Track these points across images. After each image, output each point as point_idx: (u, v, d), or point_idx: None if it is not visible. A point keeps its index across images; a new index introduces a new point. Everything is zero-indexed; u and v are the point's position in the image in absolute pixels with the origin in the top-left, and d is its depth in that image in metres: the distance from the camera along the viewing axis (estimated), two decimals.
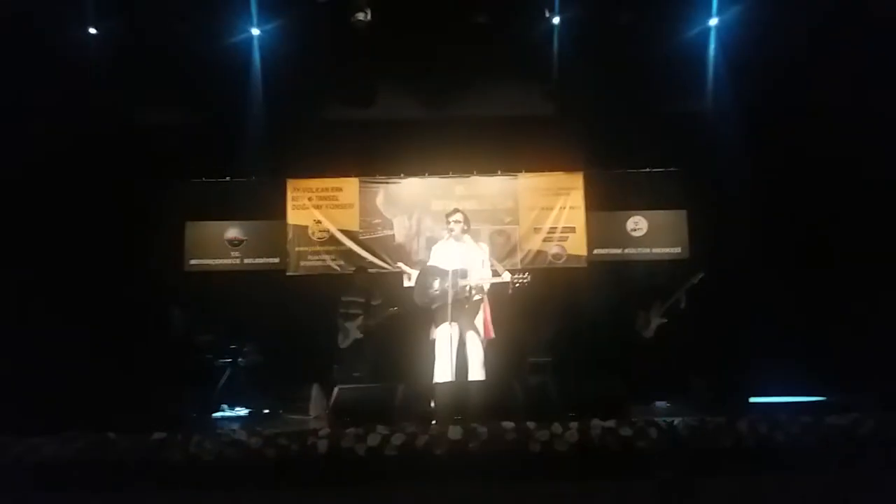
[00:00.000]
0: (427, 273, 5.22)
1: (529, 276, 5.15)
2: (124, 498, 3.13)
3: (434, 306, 5.15)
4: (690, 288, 6.66)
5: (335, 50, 7.13)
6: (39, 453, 3.30)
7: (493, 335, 5.28)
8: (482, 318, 5.26)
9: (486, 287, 5.22)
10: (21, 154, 6.72)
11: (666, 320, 6.73)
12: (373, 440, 3.36)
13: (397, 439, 3.36)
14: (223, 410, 6.52)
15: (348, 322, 6.92)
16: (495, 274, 5.25)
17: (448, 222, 5.34)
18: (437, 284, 5.13)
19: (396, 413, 4.17)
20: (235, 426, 5.06)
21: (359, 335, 6.88)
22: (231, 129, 7.52)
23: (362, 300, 6.97)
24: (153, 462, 3.26)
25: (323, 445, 3.35)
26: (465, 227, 5.34)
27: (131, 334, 6.62)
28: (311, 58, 7.26)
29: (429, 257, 5.46)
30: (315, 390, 6.22)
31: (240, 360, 6.66)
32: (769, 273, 7.11)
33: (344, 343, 6.91)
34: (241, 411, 6.46)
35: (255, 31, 7.19)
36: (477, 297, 5.19)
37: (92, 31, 7.01)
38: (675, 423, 3.34)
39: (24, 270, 6.59)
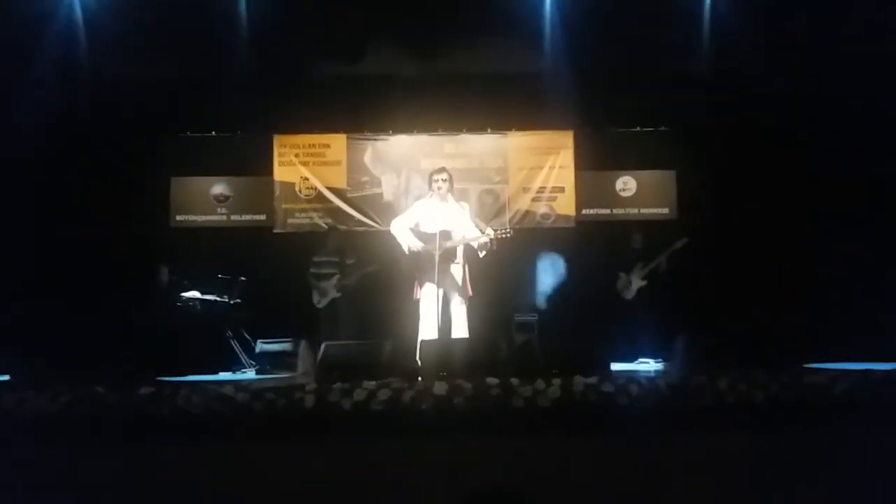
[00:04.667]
0: (412, 234, 5.21)
1: (511, 231, 5.13)
2: (112, 452, 3.17)
3: (420, 268, 5.15)
4: (673, 252, 6.72)
5: (322, 2, 6.99)
6: (26, 407, 3.32)
7: (471, 293, 5.29)
8: (463, 277, 5.28)
9: (476, 245, 5.22)
10: (5, 110, 6.60)
11: (646, 283, 6.80)
12: (359, 395, 3.39)
13: (383, 394, 3.39)
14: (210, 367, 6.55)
15: (323, 281, 6.93)
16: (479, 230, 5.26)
17: (435, 180, 5.30)
18: (422, 245, 5.13)
19: (383, 369, 4.21)
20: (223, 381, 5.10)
21: (336, 294, 6.91)
22: (216, 84, 7.38)
23: (336, 259, 6.98)
24: (141, 416, 3.29)
25: (310, 400, 3.38)
26: (450, 187, 5.31)
27: (117, 291, 6.61)
28: (298, 10, 7.11)
29: (412, 213, 5.43)
30: (302, 346, 6.26)
31: (229, 314, 6.68)
32: (758, 234, 7.18)
33: (321, 302, 6.94)
34: (231, 369, 6.48)
35: None
36: (460, 258, 5.21)
37: None
38: (657, 380, 3.40)
39: (9, 230, 6.53)
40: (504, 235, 5.05)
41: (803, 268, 6.88)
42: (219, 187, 7.95)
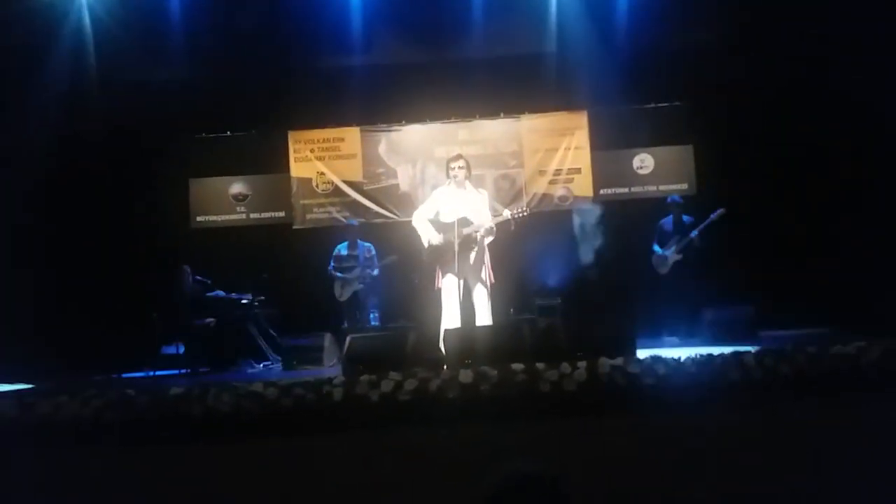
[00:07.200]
0: (431, 226, 5.20)
1: (528, 210, 5.08)
2: (145, 453, 3.23)
3: (441, 257, 5.15)
4: (709, 224, 6.60)
5: None
6: (61, 411, 3.39)
7: (493, 280, 5.27)
8: (485, 264, 5.26)
9: (494, 228, 5.19)
10: (22, 114, 6.68)
11: (681, 256, 6.71)
12: (386, 386, 3.42)
13: (410, 384, 3.42)
14: (237, 365, 6.65)
15: (344, 275, 6.98)
16: (496, 215, 5.24)
17: (452, 167, 5.28)
18: (441, 236, 5.12)
19: (408, 359, 4.24)
20: (251, 378, 5.18)
21: (357, 287, 6.96)
22: (228, 83, 7.43)
23: (356, 253, 7.03)
24: (172, 416, 3.34)
25: (338, 393, 3.42)
26: (468, 173, 5.29)
27: (139, 293, 6.70)
28: (305, 4, 7.11)
29: (432, 202, 5.42)
30: (328, 340, 6.33)
31: (253, 311, 6.76)
32: (776, 207, 7.10)
33: (343, 296, 7.00)
34: (258, 366, 6.58)
35: None
36: (480, 244, 5.19)
37: None
38: (683, 358, 3.38)
39: (31, 231, 6.63)
40: (520, 215, 5.01)
41: (823, 238, 6.80)
42: (237, 186, 8.01)
